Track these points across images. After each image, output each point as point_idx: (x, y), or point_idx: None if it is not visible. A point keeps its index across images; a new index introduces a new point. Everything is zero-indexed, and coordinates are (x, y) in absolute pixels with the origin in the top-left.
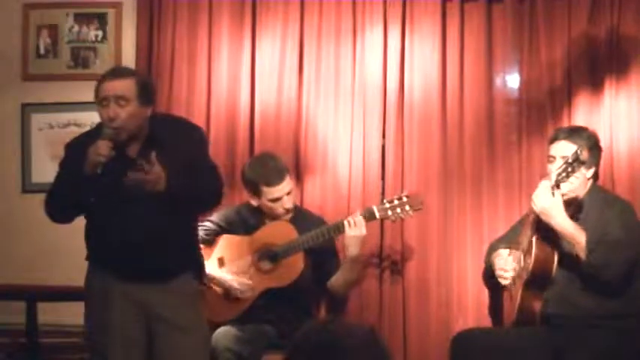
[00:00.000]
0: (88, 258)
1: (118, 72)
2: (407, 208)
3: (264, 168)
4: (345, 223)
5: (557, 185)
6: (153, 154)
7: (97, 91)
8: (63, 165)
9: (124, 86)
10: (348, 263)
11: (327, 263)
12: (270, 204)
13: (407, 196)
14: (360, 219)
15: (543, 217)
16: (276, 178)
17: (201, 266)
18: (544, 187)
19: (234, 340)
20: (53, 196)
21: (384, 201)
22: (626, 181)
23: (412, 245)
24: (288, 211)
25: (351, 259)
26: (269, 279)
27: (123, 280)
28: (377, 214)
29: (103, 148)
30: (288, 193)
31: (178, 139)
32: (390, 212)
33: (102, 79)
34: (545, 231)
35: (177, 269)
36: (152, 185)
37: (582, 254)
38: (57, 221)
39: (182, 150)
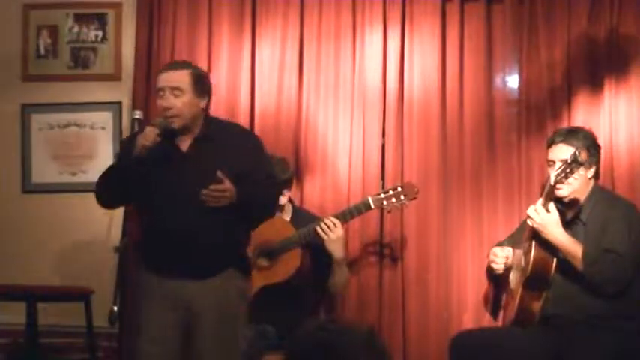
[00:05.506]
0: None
1: (173, 64)
2: (402, 197)
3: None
4: (319, 229)
5: (551, 195)
6: (219, 173)
7: (155, 82)
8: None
9: (179, 77)
10: (336, 266)
11: (325, 261)
12: None
13: (401, 186)
14: (334, 220)
15: (541, 234)
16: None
17: (245, 264)
18: (539, 205)
19: None
20: (102, 176)
21: (380, 192)
22: (626, 181)
23: (412, 245)
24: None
25: (337, 262)
26: (266, 276)
27: (164, 276)
28: (372, 205)
29: (149, 134)
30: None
31: (234, 143)
32: (385, 202)
33: (159, 71)
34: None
35: (219, 268)
36: (225, 200)
37: (580, 267)
38: (102, 204)
39: (238, 155)
